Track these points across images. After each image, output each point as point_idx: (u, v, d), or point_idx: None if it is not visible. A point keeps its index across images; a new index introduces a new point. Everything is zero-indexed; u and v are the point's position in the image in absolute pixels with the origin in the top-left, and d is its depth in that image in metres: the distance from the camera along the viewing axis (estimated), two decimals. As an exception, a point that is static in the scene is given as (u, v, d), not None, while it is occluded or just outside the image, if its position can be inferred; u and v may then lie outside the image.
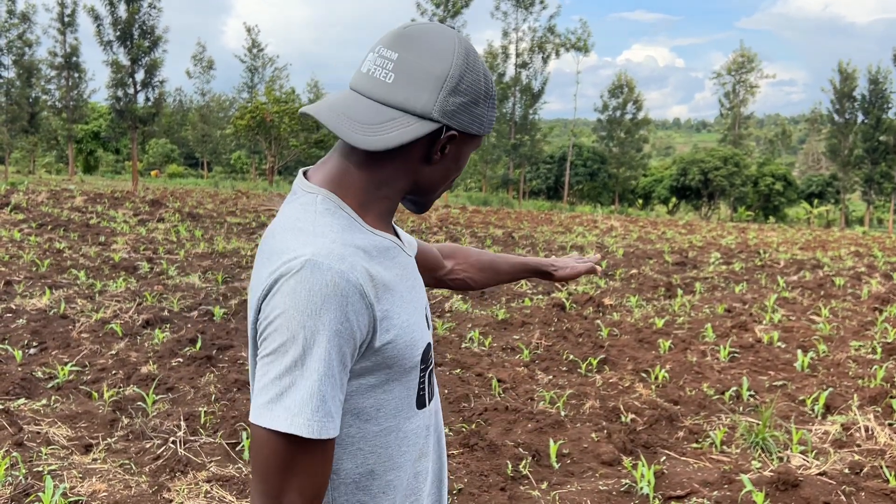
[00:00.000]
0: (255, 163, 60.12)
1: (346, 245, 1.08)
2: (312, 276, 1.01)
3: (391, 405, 1.15)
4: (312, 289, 1.01)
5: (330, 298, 1.01)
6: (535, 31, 47.19)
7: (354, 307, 1.03)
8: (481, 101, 1.15)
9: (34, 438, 4.39)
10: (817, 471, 4.21)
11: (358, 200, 1.16)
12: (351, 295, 1.02)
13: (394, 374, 1.13)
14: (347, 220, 1.13)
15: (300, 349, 1.00)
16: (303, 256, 1.03)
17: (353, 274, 1.04)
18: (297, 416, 0.99)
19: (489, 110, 1.18)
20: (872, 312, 9.47)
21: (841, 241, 24.96)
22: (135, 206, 20.23)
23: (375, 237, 1.15)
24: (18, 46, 40.31)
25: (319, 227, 1.09)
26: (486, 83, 1.16)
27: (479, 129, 1.18)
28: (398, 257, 1.19)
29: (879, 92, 43.82)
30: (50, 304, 7.91)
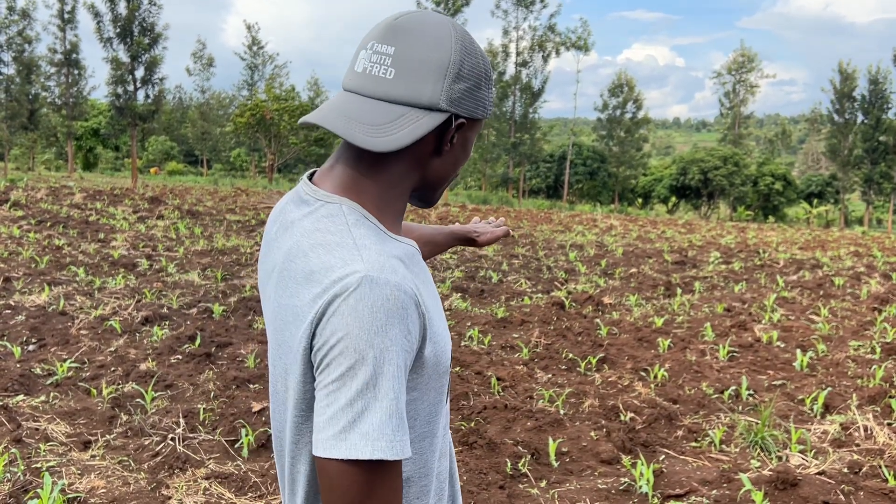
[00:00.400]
0: (255, 160, 60.09)
1: (391, 256, 1.04)
2: (373, 293, 0.97)
3: (426, 411, 1.12)
4: (375, 305, 0.96)
5: (393, 313, 0.97)
6: (536, 29, 47.15)
7: (413, 319, 1.00)
8: (483, 83, 1.14)
9: (33, 435, 4.39)
10: (816, 470, 4.21)
11: (375, 207, 1.12)
12: (409, 307, 0.99)
13: (430, 381, 1.10)
14: (376, 230, 1.09)
15: (371, 370, 0.95)
16: (357, 273, 0.98)
17: (407, 285, 1.01)
18: (378, 439, 0.93)
19: (490, 92, 1.17)
20: (871, 312, 9.47)
21: (840, 241, 24.97)
22: (134, 204, 20.22)
23: (401, 245, 1.11)
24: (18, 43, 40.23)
25: (361, 240, 1.04)
26: (484, 65, 1.14)
27: (484, 112, 1.16)
28: (421, 262, 1.17)
29: (879, 92, 43.81)
30: (49, 300, 7.90)
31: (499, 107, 47.25)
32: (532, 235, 20.08)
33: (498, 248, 16.01)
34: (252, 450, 4.33)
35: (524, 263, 13.50)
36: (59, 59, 41.09)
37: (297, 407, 1.07)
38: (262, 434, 4.45)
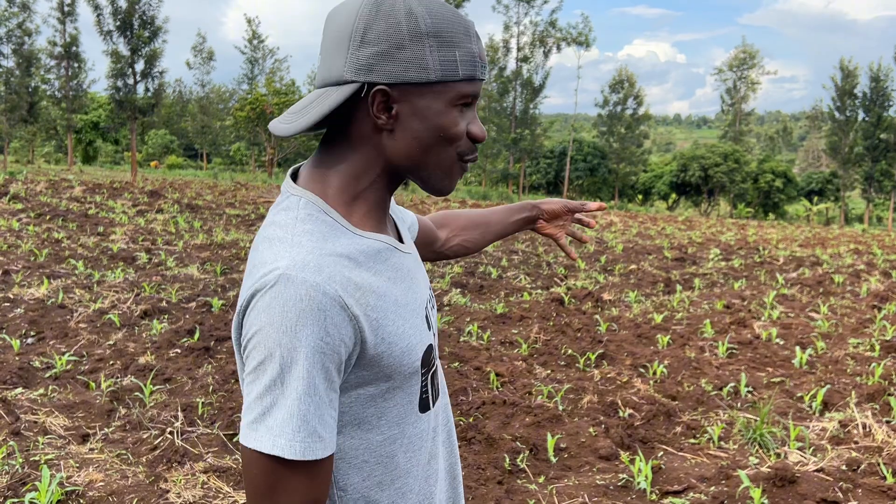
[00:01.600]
0: (255, 154, 60.05)
1: (325, 255, 1.01)
2: (286, 291, 0.95)
3: (393, 413, 1.10)
4: (286, 304, 0.95)
5: (306, 314, 0.95)
6: (537, 25, 47.11)
7: (334, 321, 0.97)
8: (407, 43, 1.01)
9: (31, 428, 4.38)
10: (814, 467, 4.22)
11: (341, 200, 1.10)
12: (329, 308, 0.96)
13: (394, 382, 1.07)
14: (331, 225, 1.06)
15: (278, 368, 0.94)
16: (277, 270, 0.97)
17: (330, 286, 0.97)
18: (279, 436, 0.94)
19: (432, 50, 1.02)
20: (871, 310, 9.47)
21: (840, 239, 24.97)
22: (133, 197, 20.20)
23: (363, 240, 1.08)
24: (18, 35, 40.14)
25: (297, 237, 1.02)
26: (410, 22, 1.01)
27: (424, 73, 1.02)
28: (391, 258, 1.12)
29: (880, 89, 43.80)
30: (48, 293, 7.89)
31: (499, 102, 47.22)
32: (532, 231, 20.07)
33: (498, 244, 16.01)
34: (250, 444, 4.32)
35: (524, 259, 13.49)
36: (59, 52, 41.00)
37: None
38: (260, 428, 4.45)
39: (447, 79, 1.03)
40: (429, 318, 1.19)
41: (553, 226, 1.73)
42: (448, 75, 1.03)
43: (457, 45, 1.03)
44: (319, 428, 0.97)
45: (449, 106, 1.05)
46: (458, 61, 1.03)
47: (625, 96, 53.04)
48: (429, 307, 1.21)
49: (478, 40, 1.08)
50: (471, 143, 1.10)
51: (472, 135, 1.09)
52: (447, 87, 1.04)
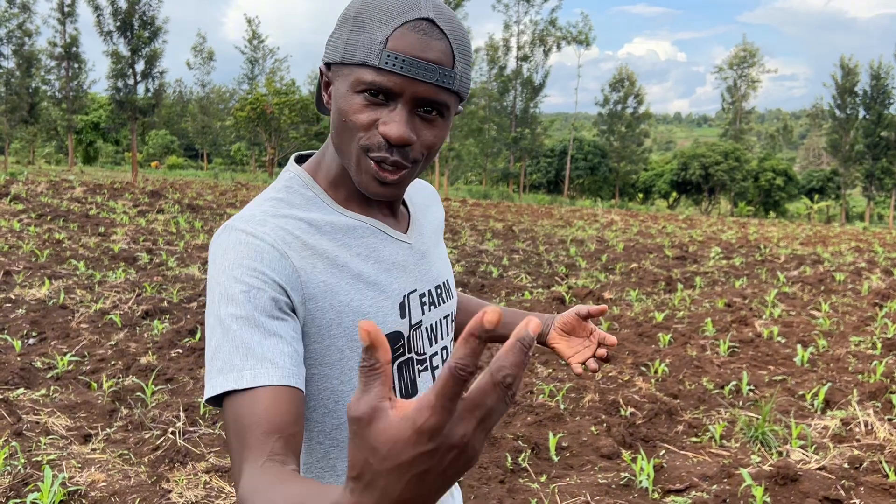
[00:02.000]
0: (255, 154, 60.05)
1: (277, 215, 1.05)
2: (225, 238, 1.02)
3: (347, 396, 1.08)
4: (226, 249, 1.00)
5: (241, 254, 0.99)
6: (537, 23, 47.10)
7: (270, 262, 0.99)
8: (338, 25, 1.05)
9: (33, 428, 4.39)
10: (817, 465, 4.21)
11: (329, 178, 1.13)
12: (265, 251, 0.99)
13: (341, 355, 1.06)
14: (308, 198, 1.10)
15: (217, 307, 0.97)
16: (227, 223, 1.04)
17: (267, 235, 1.01)
18: (229, 371, 0.92)
19: (348, 33, 1.02)
20: (872, 308, 9.46)
21: (841, 237, 24.95)
22: (134, 197, 20.21)
23: (339, 216, 1.10)
24: (18, 36, 40.17)
25: (261, 200, 1.09)
26: (349, 7, 1.04)
27: (332, 53, 1.04)
28: (367, 238, 1.12)
29: (881, 87, 43.77)
30: (49, 294, 7.90)
31: (499, 101, 47.20)
32: (533, 230, 20.08)
33: (499, 242, 16.02)
34: (252, 444, 4.32)
35: (525, 258, 13.49)
36: (60, 53, 41.00)
37: None
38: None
39: (346, 61, 1.02)
40: (408, 308, 1.15)
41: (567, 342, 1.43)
42: (347, 58, 1.02)
43: (366, 29, 1.00)
44: (271, 355, 0.94)
45: (351, 91, 1.02)
46: (358, 45, 1.00)
47: (625, 95, 53.01)
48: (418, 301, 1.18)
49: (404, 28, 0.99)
50: (380, 139, 1.02)
51: (380, 131, 1.02)
52: (350, 70, 1.02)
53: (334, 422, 1.09)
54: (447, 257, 1.35)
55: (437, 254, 1.29)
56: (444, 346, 1.25)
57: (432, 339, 1.20)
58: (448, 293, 1.27)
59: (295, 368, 0.96)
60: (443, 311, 1.24)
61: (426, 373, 1.20)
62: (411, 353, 1.16)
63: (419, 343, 1.17)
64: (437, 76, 1.00)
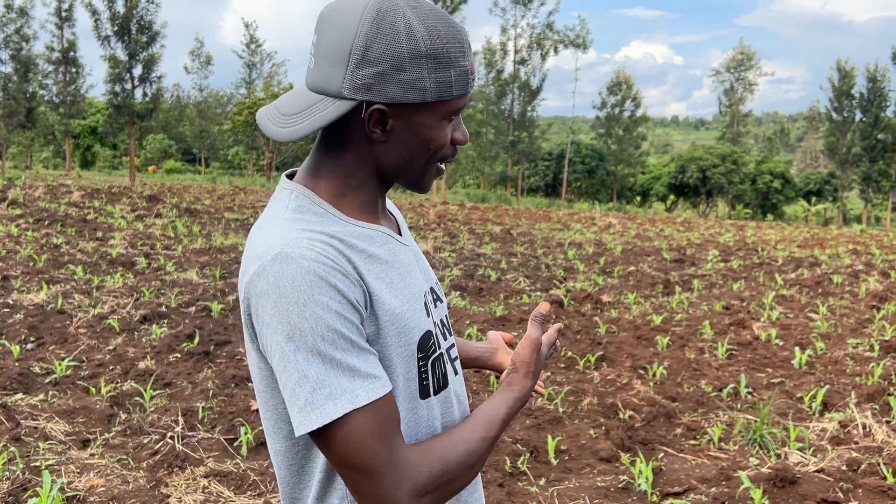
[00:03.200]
0: (253, 159, 60.02)
1: (315, 233, 1.05)
2: (288, 268, 0.99)
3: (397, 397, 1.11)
4: (295, 280, 0.98)
5: (316, 283, 0.98)
6: (534, 27, 47.12)
7: (343, 284, 1.01)
8: (407, 65, 1.02)
9: (32, 433, 4.38)
10: (815, 468, 4.22)
11: (331, 193, 1.14)
12: (333, 275, 1.00)
13: (390, 363, 1.09)
14: (322, 214, 1.11)
15: (310, 340, 0.98)
16: (273, 250, 1.01)
17: (326, 257, 1.01)
18: (339, 397, 0.98)
19: (430, 72, 1.03)
20: (870, 310, 9.48)
21: (839, 239, 24.99)
22: (132, 202, 20.19)
23: (356, 227, 1.12)
24: (16, 41, 40.11)
25: (287, 222, 1.08)
26: (410, 44, 1.02)
27: (422, 95, 1.04)
28: (386, 244, 1.15)
29: (878, 90, 43.81)
30: (47, 299, 7.89)
31: (497, 105, 47.23)
32: (531, 234, 20.09)
33: (497, 246, 16.02)
34: (251, 448, 4.33)
35: (523, 262, 13.50)
36: (57, 57, 40.97)
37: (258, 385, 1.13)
38: (260, 432, 4.45)
39: (443, 98, 1.06)
40: (429, 307, 1.20)
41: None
42: (444, 95, 1.06)
43: (452, 64, 1.05)
44: (371, 370, 1.01)
45: (441, 120, 1.09)
46: (453, 81, 1.06)
47: (622, 98, 53.04)
48: (430, 299, 1.23)
49: (469, 51, 1.09)
50: (452, 148, 1.15)
51: (455, 141, 1.14)
52: (442, 104, 1.08)
53: None
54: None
55: (424, 257, 1.34)
56: (452, 343, 1.29)
57: (445, 333, 1.25)
58: (441, 291, 1.32)
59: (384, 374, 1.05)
60: (443, 307, 1.30)
61: (449, 365, 1.24)
62: (440, 349, 1.20)
63: (441, 339, 1.22)
64: None
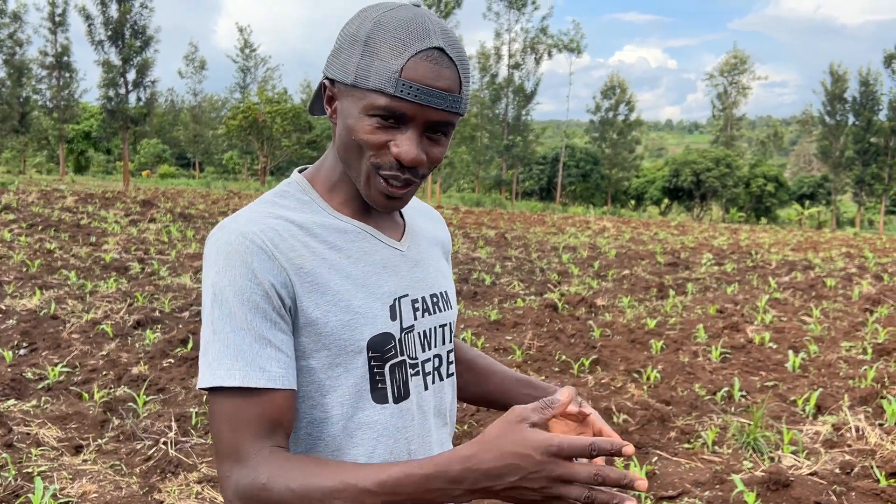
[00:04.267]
0: (247, 163, 59.98)
1: (268, 216, 1.10)
2: (219, 237, 1.06)
3: (338, 392, 1.10)
4: (218, 248, 1.05)
5: (232, 255, 1.04)
6: (528, 31, 47.24)
7: (262, 265, 1.04)
8: (346, 46, 1.08)
9: (24, 439, 4.36)
10: (808, 471, 4.23)
11: (327, 184, 1.19)
12: (255, 253, 1.04)
13: (335, 357, 1.09)
14: (304, 202, 1.16)
15: (210, 305, 1.04)
16: (220, 223, 1.09)
17: (257, 236, 1.05)
18: (218, 368, 1.01)
19: (359, 56, 1.05)
20: (863, 313, 9.51)
21: (832, 243, 25.07)
22: (126, 207, 20.15)
23: (333, 220, 1.16)
24: (9, 46, 40.06)
25: (255, 204, 1.14)
26: (355, 28, 1.07)
27: (343, 75, 1.07)
28: (359, 241, 1.16)
29: (870, 94, 44.02)
30: (40, 304, 7.86)
31: (491, 109, 47.31)
32: (525, 238, 20.11)
33: (491, 250, 16.03)
34: (245, 453, 4.31)
35: (517, 265, 13.51)
36: (50, 62, 40.91)
37: None
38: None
39: (359, 84, 1.05)
40: (399, 311, 1.17)
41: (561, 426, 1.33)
42: (360, 81, 1.05)
43: (379, 56, 1.04)
44: (260, 360, 1.02)
45: (362, 113, 1.06)
46: (372, 72, 1.04)
47: (616, 102, 53.17)
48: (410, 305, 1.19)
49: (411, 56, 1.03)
50: (391, 160, 1.08)
51: (393, 153, 1.07)
52: (363, 93, 1.06)
53: (320, 415, 1.11)
54: (449, 275, 1.37)
55: (436, 266, 1.31)
56: (438, 353, 1.25)
57: (425, 345, 1.22)
58: (446, 304, 1.29)
59: (282, 371, 1.04)
60: (438, 319, 1.26)
61: (417, 377, 1.20)
62: (403, 356, 1.18)
63: (411, 347, 1.19)
64: (448, 103, 1.06)
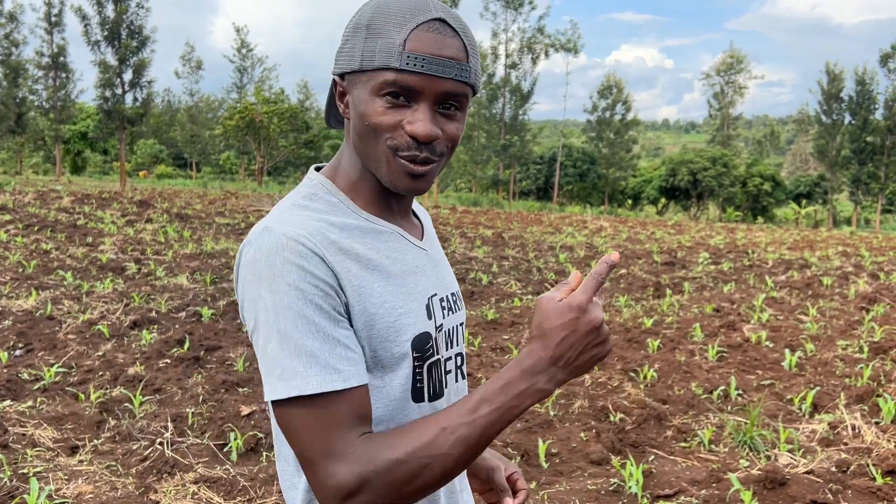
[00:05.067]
0: (245, 163, 59.90)
1: (311, 218, 1.07)
2: (267, 241, 1.01)
3: (383, 393, 1.09)
4: (269, 253, 1.00)
5: (288, 260, 0.99)
6: (525, 31, 47.26)
7: (315, 264, 1.01)
8: (350, 35, 1.07)
9: (20, 440, 4.35)
10: (804, 469, 4.23)
11: (349, 183, 1.16)
12: (307, 255, 1.00)
13: (380, 360, 1.08)
14: (334, 204, 1.13)
15: (273, 315, 0.99)
16: (262, 225, 1.04)
17: (309, 240, 1.02)
18: (292, 378, 0.97)
19: (363, 41, 1.05)
20: (859, 312, 9.52)
21: (829, 241, 25.11)
22: (122, 207, 20.12)
23: (365, 221, 1.13)
24: (5, 46, 39.97)
25: (291, 206, 1.10)
26: (357, 17, 1.07)
27: (350, 63, 1.07)
28: (392, 242, 1.15)
29: (866, 93, 44.08)
30: (36, 305, 7.85)
31: (488, 109, 47.32)
32: (522, 237, 20.11)
33: (488, 249, 16.03)
34: (241, 454, 4.31)
35: (514, 265, 13.51)
36: (47, 63, 40.81)
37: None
38: (250, 438, 4.44)
39: (365, 67, 1.04)
40: (433, 310, 1.18)
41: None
42: (365, 64, 1.04)
43: (382, 35, 1.03)
44: (332, 361, 0.99)
45: (372, 95, 1.05)
46: (377, 50, 1.03)
47: (613, 102, 53.21)
48: (442, 305, 1.22)
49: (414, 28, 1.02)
50: (408, 139, 1.06)
51: (407, 131, 1.05)
52: (370, 75, 1.04)
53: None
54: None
55: (448, 266, 1.34)
56: (459, 352, 1.27)
57: (448, 343, 1.23)
58: (460, 301, 1.32)
59: (353, 368, 1.01)
60: (458, 318, 1.28)
61: (449, 375, 1.22)
62: (439, 355, 1.18)
63: (442, 346, 1.20)
64: (456, 71, 1.05)
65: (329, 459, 0.97)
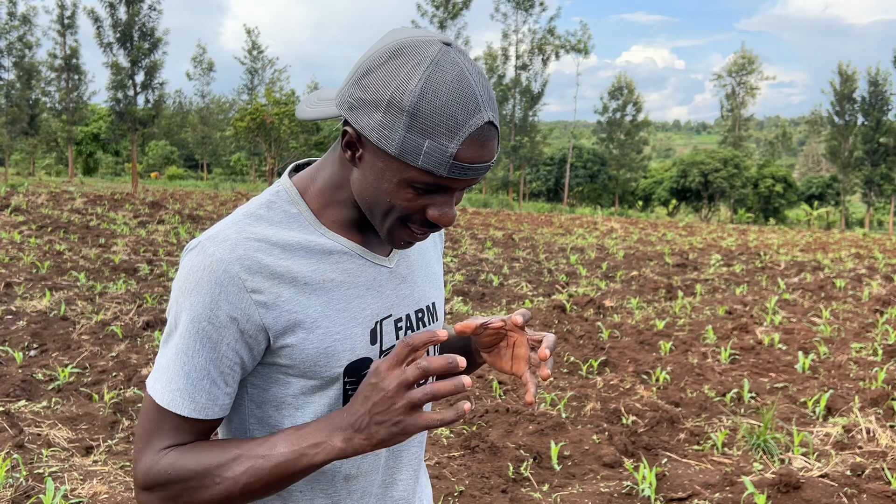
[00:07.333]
0: (255, 164, 60.11)
1: (249, 238, 1.05)
2: (195, 257, 1.04)
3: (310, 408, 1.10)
4: (191, 270, 1.04)
5: (202, 283, 1.02)
6: (535, 32, 47.28)
7: (229, 296, 1.01)
8: (384, 107, 0.96)
9: (35, 440, 4.38)
10: (819, 473, 4.21)
11: (321, 200, 1.12)
12: (225, 283, 1.01)
13: (311, 383, 1.09)
14: (291, 215, 1.10)
15: (172, 322, 1.06)
16: (201, 238, 1.06)
17: (234, 266, 1.02)
18: (156, 381, 1.06)
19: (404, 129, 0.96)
20: (873, 314, 9.46)
21: (841, 243, 24.96)
22: (135, 208, 20.23)
23: (321, 238, 1.10)
24: (18, 48, 40.29)
25: (239, 217, 1.09)
26: (397, 92, 0.95)
27: (385, 143, 0.97)
28: (343, 262, 1.11)
29: (879, 94, 43.84)
30: (50, 305, 7.90)
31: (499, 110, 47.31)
32: (533, 238, 20.09)
33: (499, 251, 16.03)
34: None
35: (525, 266, 13.50)
36: (60, 65, 41.12)
37: None
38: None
39: (405, 160, 0.97)
40: (379, 334, 1.14)
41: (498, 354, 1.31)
42: (406, 157, 0.97)
43: (430, 135, 0.95)
44: (191, 390, 1.04)
45: (402, 183, 1.00)
46: (423, 152, 0.96)
47: (624, 103, 53.11)
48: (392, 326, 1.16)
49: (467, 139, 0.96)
50: (424, 218, 1.05)
51: (427, 216, 1.04)
52: (406, 168, 0.99)
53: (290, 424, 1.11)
54: (440, 280, 1.32)
55: (425, 276, 1.26)
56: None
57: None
58: (432, 317, 1.25)
59: (209, 403, 1.06)
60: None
61: None
62: None
63: None
64: (488, 169, 1.03)
65: (147, 449, 1.05)
